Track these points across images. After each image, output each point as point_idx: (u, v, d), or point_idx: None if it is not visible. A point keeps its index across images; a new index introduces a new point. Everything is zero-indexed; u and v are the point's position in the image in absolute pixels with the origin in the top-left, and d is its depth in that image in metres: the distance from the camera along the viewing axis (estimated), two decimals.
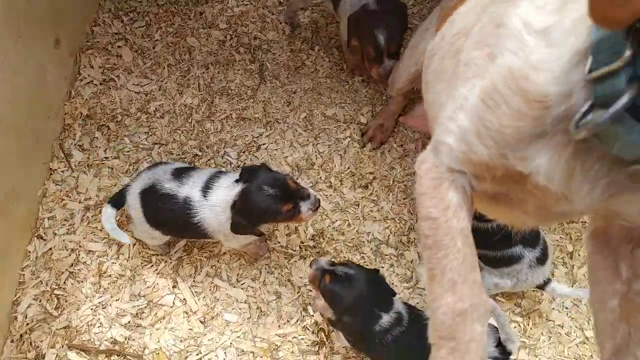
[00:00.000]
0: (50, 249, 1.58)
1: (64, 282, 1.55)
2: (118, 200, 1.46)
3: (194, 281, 1.59)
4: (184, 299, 1.56)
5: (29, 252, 1.57)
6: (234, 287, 1.60)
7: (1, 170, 1.41)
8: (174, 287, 1.57)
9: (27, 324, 1.50)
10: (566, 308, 1.64)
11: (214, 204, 1.35)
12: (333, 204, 1.74)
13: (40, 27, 1.55)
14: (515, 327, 1.59)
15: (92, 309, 1.51)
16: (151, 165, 1.51)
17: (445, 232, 0.71)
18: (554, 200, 0.62)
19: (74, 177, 1.68)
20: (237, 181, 1.35)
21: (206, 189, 1.37)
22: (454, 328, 0.69)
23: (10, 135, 1.44)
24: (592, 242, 0.73)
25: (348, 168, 1.81)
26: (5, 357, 1.48)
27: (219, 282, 1.59)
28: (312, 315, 1.58)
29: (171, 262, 1.60)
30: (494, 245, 1.46)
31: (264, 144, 1.83)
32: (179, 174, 1.42)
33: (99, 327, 1.51)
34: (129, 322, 1.52)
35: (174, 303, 1.55)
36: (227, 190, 1.36)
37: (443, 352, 0.70)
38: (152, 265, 1.60)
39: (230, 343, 1.52)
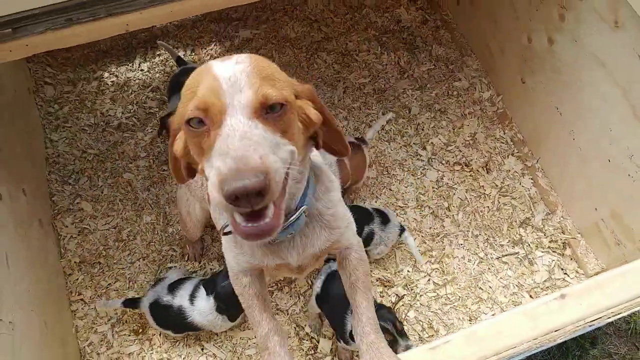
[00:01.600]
0: None
1: None
2: (131, 303, 2.05)
3: (214, 340, 2.16)
4: (213, 354, 2.13)
5: None
6: (243, 330, 2.19)
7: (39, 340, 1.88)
8: (202, 349, 2.13)
9: None
10: None
11: (202, 310, 1.95)
12: None
13: (24, 217, 2.04)
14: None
15: None
16: (154, 283, 2.10)
17: (249, 298, 1.31)
18: (289, 269, 1.28)
19: (92, 308, 2.17)
20: (208, 294, 1.95)
21: (192, 298, 1.98)
22: (266, 343, 1.27)
23: (33, 303, 1.89)
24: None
25: None
26: None
27: (231, 332, 2.18)
28: (303, 327, 2.22)
29: (192, 335, 2.16)
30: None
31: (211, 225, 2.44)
32: (172, 288, 2.01)
33: None
34: None
35: None
36: (206, 300, 1.95)
37: (265, 357, 1.26)
38: (178, 342, 2.14)
39: None
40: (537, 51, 2.27)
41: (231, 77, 0.87)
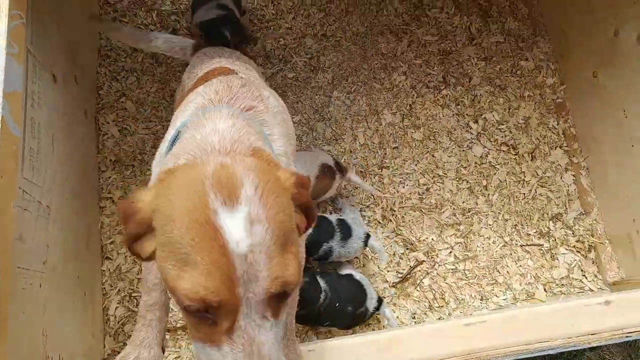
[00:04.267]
0: (119, 265, 2.11)
1: (136, 286, 2.10)
2: None
3: None
4: None
5: (104, 270, 2.10)
6: None
7: (72, 222, 1.92)
8: None
9: (118, 321, 2.05)
10: None
11: None
12: None
13: (73, 104, 2.03)
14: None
15: None
16: None
17: (150, 265, 1.25)
18: None
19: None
20: None
21: None
22: (146, 313, 1.26)
23: (68, 192, 1.89)
24: None
25: None
26: (108, 349, 2.02)
27: None
28: None
29: None
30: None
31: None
32: None
33: (171, 311, 2.09)
34: None
35: None
36: None
37: (139, 325, 1.27)
38: None
39: None
40: (621, 47, 2.15)
41: (248, 257, 0.72)
